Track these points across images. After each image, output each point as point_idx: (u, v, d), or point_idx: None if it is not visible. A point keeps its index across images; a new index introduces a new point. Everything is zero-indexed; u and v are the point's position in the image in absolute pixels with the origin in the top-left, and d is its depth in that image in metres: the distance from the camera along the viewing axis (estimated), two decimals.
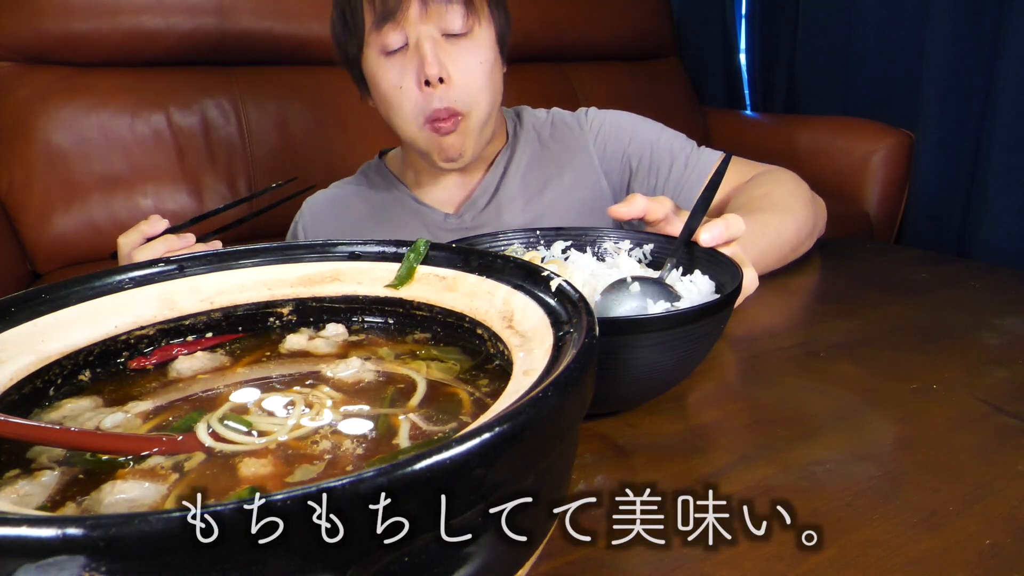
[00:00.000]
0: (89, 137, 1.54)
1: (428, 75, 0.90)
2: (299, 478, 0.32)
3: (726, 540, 0.43)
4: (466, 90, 0.93)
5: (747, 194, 0.97)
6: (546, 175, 1.08)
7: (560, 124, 1.12)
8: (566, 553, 0.41)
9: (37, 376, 0.39)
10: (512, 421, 0.25)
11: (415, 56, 0.91)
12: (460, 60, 0.93)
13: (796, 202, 0.96)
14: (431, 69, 0.90)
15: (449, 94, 0.92)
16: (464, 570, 0.26)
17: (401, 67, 0.92)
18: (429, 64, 0.90)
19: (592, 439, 0.54)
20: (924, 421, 0.56)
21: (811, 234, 0.98)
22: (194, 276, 0.46)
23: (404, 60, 0.92)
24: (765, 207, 0.92)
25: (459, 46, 0.93)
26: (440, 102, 0.92)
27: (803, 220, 0.95)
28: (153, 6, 1.60)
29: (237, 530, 0.20)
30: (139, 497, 0.31)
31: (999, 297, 0.85)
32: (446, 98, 0.92)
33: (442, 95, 0.92)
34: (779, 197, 0.95)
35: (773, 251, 0.90)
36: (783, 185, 0.98)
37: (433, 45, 0.91)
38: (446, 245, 0.48)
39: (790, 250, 0.94)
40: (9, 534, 0.19)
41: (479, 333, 0.43)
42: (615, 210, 0.70)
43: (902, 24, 1.87)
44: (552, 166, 1.08)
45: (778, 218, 0.91)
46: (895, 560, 0.40)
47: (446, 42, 0.92)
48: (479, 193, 1.06)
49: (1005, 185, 1.59)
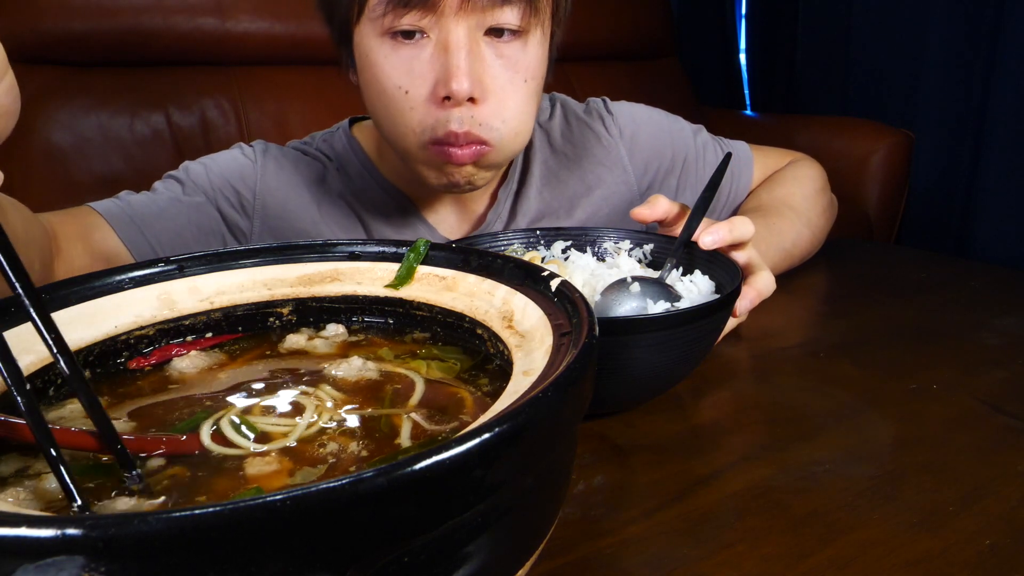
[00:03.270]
0: (88, 137, 1.54)
1: (454, 91, 0.66)
2: (300, 479, 0.32)
3: (725, 540, 0.43)
4: (501, 116, 0.70)
5: (768, 194, 0.92)
6: (570, 190, 0.88)
7: (576, 123, 0.92)
8: (566, 553, 0.41)
9: (37, 376, 0.39)
10: (511, 421, 0.25)
11: (439, 57, 0.67)
12: (502, 74, 0.69)
13: (815, 208, 0.92)
14: (459, 83, 0.65)
15: (476, 116, 0.68)
16: (464, 570, 0.26)
17: (412, 63, 0.68)
18: (459, 76, 0.65)
19: (592, 439, 0.54)
20: (923, 421, 0.56)
21: (823, 240, 0.96)
22: (193, 276, 0.46)
23: (419, 53, 0.68)
24: (784, 213, 0.88)
25: (503, 51, 0.69)
26: (459, 124, 0.68)
27: (819, 229, 0.93)
28: (153, 6, 1.60)
29: (236, 530, 0.20)
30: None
31: (998, 297, 0.85)
32: (469, 121, 0.68)
33: (464, 116, 0.68)
34: (799, 202, 0.90)
35: (785, 262, 0.88)
36: (805, 187, 0.93)
37: (470, 49, 0.66)
38: (446, 245, 0.48)
39: (800, 259, 0.92)
40: (8, 534, 0.19)
41: (479, 333, 0.43)
42: (638, 213, 0.67)
43: (902, 24, 1.87)
44: (572, 179, 0.89)
45: (796, 230, 0.88)
46: (894, 560, 0.40)
47: (488, 47, 0.69)
48: (492, 218, 0.87)
49: (1004, 185, 1.60)
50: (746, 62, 2.44)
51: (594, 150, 0.90)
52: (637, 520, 0.44)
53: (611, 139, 0.91)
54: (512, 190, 0.88)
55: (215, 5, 1.66)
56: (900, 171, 1.87)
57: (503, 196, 0.87)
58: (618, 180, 0.91)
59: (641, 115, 0.94)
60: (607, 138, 0.91)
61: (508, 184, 0.87)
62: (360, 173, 0.86)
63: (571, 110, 0.93)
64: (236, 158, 0.86)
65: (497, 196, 0.87)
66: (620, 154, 0.91)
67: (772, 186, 0.94)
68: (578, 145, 0.90)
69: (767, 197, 0.92)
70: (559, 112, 0.93)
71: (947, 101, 1.73)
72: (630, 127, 0.92)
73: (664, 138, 0.93)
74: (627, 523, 0.44)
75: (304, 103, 1.76)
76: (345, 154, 0.87)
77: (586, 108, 0.94)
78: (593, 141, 0.91)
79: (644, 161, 0.92)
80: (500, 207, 0.87)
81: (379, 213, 0.85)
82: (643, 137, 0.92)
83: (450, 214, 0.87)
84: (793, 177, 0.95)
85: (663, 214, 0.68)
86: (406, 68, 0.68)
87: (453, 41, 0.66)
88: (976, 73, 1.65)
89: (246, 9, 1.70)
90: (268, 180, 0.85)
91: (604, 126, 0.91)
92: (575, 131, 0.91)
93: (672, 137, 0.93)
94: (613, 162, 0.90)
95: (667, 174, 0.93)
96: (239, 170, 0.85)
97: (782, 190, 0.92)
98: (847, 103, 2.07)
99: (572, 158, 0.90)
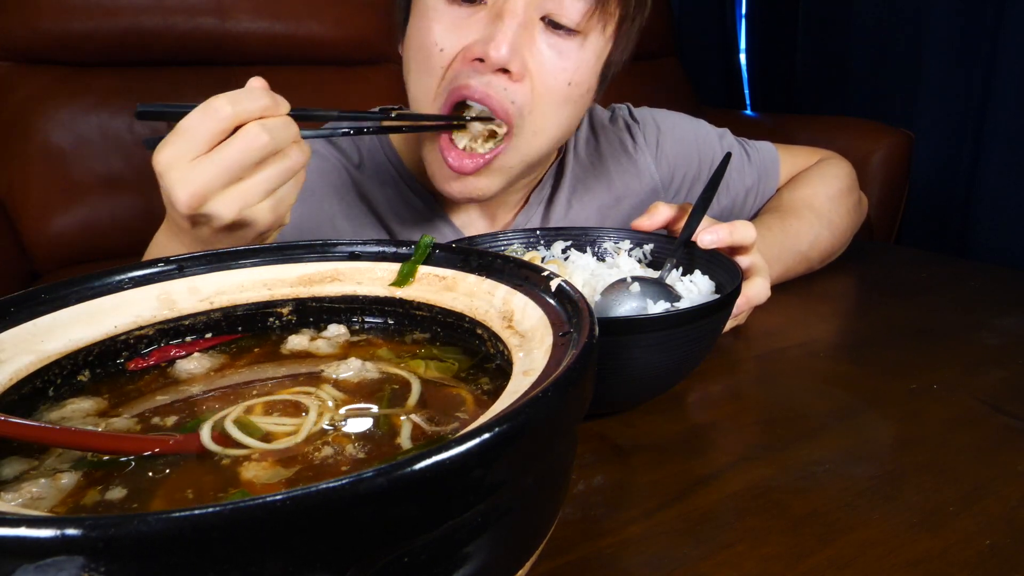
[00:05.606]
0: (88, 137, 1.54)
1: (490, 55, 0.63)
2: (301, 479, 0.32)
3: (725, 540, 0.43)
4: (532, 100, 0.67)
5: (790, 194, 0.90)
6: (598, 200, 0.86)
7: (602, 132, 0.89)
8: (566, 553, 0.41)
9: (37, 376, 0.39)
10: (511, 421, 0.25)
11: (488, 23, 0.64)
12: (548, 62, 0.67)
13: (838, 209, 0.89)
14: (498, 49, 0.62)
15: (509, 90, 0.65)
16: (464, 570, 0.26)
17: (460, 23, 0.65)
18: (499, 41, 0.62)
19: (592, 439, 0.54)
20: (923, 421, 0.56)
21: (848, 241, 0.94)
22: (193, 276, 0.46)
23: (471, 16, 0.65)
24: (802, 215, 0.86)
25: (556, 43, 0.67)
26: (481, 83, 0.64)
27: (840, 232, 0.90)
28: (153, 6, 1.60)
29: (236, 530, 0.20)
30: None
31: (998, 297, 0.85)
32: (497, 88, 0.65)
33: (493, 81, 0.65)
34: (821, 203, 0.88)
35: (801, 265, 0.86)
36: (830, 188, 0.90)
37: (522, 22, 0.64)
38: (446, 245, 0.48)
39: (820, 261, 0.90)
40: (7, 534, 0.19)
41: (479, 333, 0.43)
42: (639, 224, 0.67)
43: (902, 24, 1.87)
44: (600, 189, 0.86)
45: (814, 231, 0.86)
46: (894, 560, 0.40)
47: (542, 33, 0.66)
48: (520, 222, 0.85)
49: (1004, 185, 1.60)
50: (746, 62, 2.44)
51: (621, 160, 0.90)
52: (637, 520, 0.44)
53: (637, 148, 0.90)
54: (544, 196, 0.86)
55: (215, 5, 1.66)
56: (900, 171, 1.87)
57: (535, 201, 0.86)
58: (646, 189, 0.90)
59: (666, 122, 0.93)
60: (633, 147, 0.90)
61: (541, 190, 0.86)
62: (385, 169, 0.83)
63: (597, 119, 0.92)
64: None
65: (529, 200, 0.86)
66: (647, 163, 0.90)
67: (795, 186, 0.92)
68: (605, 155, 0.89)
69: (788, 197, 0.90)
70: (585, 121, 0.90)
71: (947, 101, 1.73)
72: (655, 135, 0.91)
73: (690, 144, 0.92)
74: (627, 523, 0.44)
75: (304, 103, 1.74)
76: (372, 148, 0.84)
77: (612, 116, 0.93)
78: (620, 151, 0.89)
79: (671, 168, 0.91)
80: (531, 211, 0.85)
81: (402, 214, 0.82)
82: (668, 144, 0.91)
83: (478, 218, 0.85)
84: (820, 176, 0.92)
85: (664, 222, 0.68)
86: (452, 26, 0.65)
87: (508, 10, 0.63)
88: (976, 73, 1.66)
89: (246, 9, 1.70)
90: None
91: (631, 135, 0.90)
92: (601, 141, 0.90)
93: (698, 143, 0.93)
94: (640, 171, 0.90)
95: (694, 180, 0.93)
96: None
97: (806, 191, 0.90)
98: (847, 103, 2.07)
99: (600, 168, 0.88)
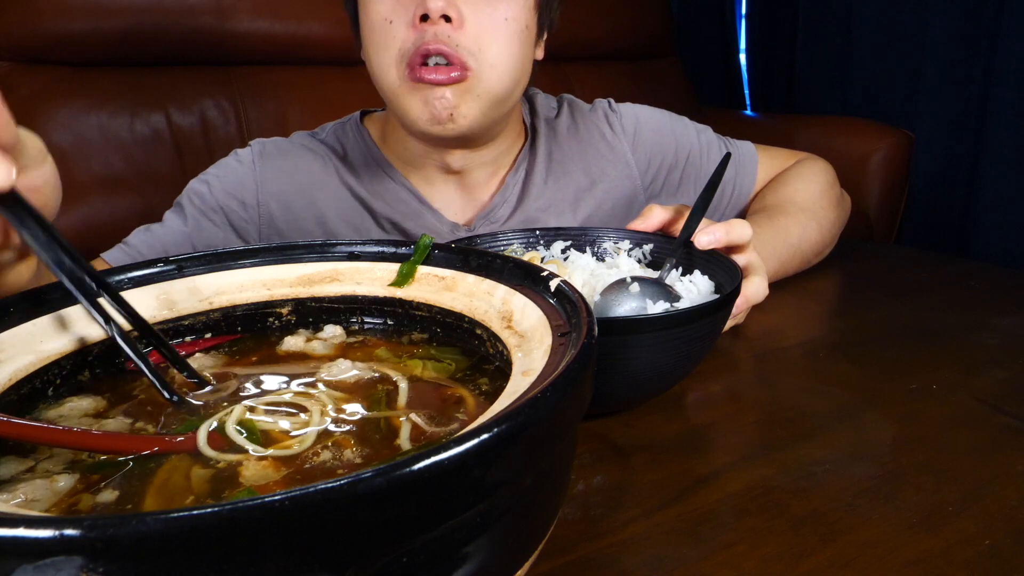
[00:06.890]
0: (88, 137, 1.54)
1: (429, 7, 0.70)
2: (300, 479, 0.32)
3: (725, 540, 0.43)
4: (478, 40, 0.73)
5: (774, 194, 0.93)
6: (575, 183, 0.91)
7: (581, 120, 0.95)
8: (566, 553, 0.41)
9: (36, 376, 0.39)
10: (510, 422, 0.25)
11: None
12: (482, 7, 0.74)
13: (822, 204, 0.91)
14: (436, 1, 0.70)
15: (454, 37, 0.72)
16: (463, 570, 0.26)
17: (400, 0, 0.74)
18: None
19: (591, 439, 0.54)
20: (923, 421, 0.56)
21: (836, 236, 0.96)
22: (193, 276, 0.46)
23: None
24: (789, 211, 0.88)
25: None
26: (435, 39, 0.71)
27: (828, 224, 0.92)
28: (153, 6, 1.60)
29: (235, 530, 0.20)
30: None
31: (998, 297, 0.85)
32: (446, 40, 0.72)
33: (441, 33, 0.72)
34: (805, 199, 0.90)
35: (795, 259, 0.88)
36: (812, 184, 0.93)
37: None
38: (445, 245, 0.48)
39: (814, 255, 0.91)
40: (6, 535, 0.19)
41: (478, 333, 0.43)
42: (635, 227, 0.70)
43: (902, 24, 1.87)
44: (577, 172, 0.91)
45: (802, 225, 0.88)
46: (894, 560, 0.40)
47: None
48: (498, 202, 0.88)
49: (1004, 185, 1.60)
50: (746, 62, 2.44)
51: (599, 145, 0.93)
52: (637, 520, 0.44)
53: (615, 135, 0.94)
54: (520, 177, 0.90)
55: (215, 5, 1.66)
56: (900, 171, 1.87)
57: (511, 182, 0.89)
58: (621, 175, 0.93)
59: (644, 114, 0.97)
60: (611, 134, 0.94)
61: (516, 171, 0.90)
62: (367, 161, 0.89)
63: (578, 108, 0.97)
64: (234, 168, 0.88)
65: (505, 181, 0.90)
66: (624, 150, 0.93)
67: (778, 186, 0.95)
68: (584, 140, 0.93)
69: (772, 197, 0.93)
70: (566, 110, 0.96)
71: (947, 101, 1.73)
72: (633, 124, 0.95)
73: (667, 134, 0.95)
74: (627, 523, 0.44)
75: (304, 103, 1.75)
76: (354, 143, 0.90)
77: (592, 107, 0.97)
78: (598, 137, 0.93)
79: (647, 156, 0.95)
80: (507, 192, 0.89)
81: (385, 200, 0.88)
82: (646, 133, 0.95)
83: (455, 200, 0.90)
84: (799, 175, 0.95)
85: (658, 224, 0.70)
86: (394, 2, 0.73)
87: None
88: (976, 73, 1.65)
89: (246, 9, 1.70)
90: (268, 185, 0.87)
91: (608, 123, 0.94)
92: (580, 127, 0.94)
93: (675, 134, 0.96)
94: (617, 157, 0.93)
95: (671, 169, 0.96)
96: (238, 180, 0.87)
97: (788, 189, 0.93)
98: (847, 103, 2.07)
99: (577, 152, 0.92)
